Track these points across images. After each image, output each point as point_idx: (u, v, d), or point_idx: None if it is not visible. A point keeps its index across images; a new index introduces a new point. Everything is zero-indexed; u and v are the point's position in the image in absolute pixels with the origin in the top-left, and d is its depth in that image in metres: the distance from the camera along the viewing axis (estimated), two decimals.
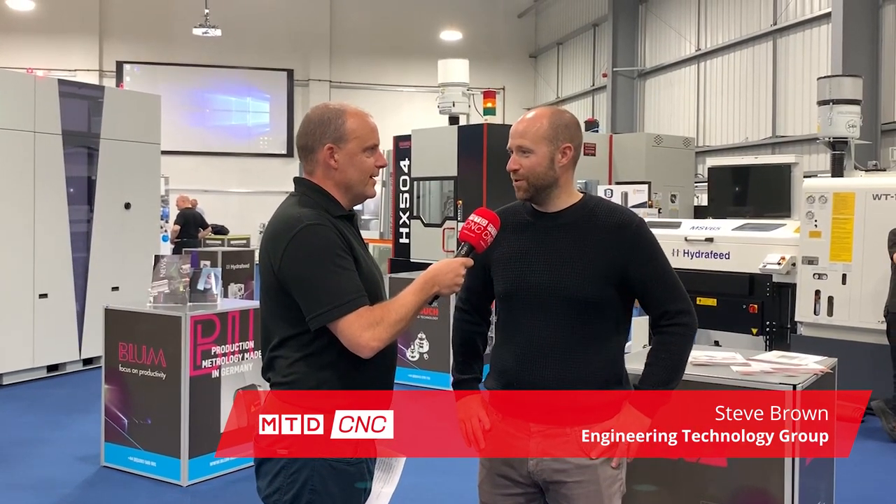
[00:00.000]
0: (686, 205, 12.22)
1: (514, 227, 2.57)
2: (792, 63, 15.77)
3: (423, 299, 2.29)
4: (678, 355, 2.51)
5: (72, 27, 23.05)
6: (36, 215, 8.00)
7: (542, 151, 2.47)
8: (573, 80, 24.20)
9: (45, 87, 8.15)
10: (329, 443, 2.27)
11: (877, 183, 7.16)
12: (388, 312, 2.25)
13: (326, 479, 2.28)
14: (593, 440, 2.43)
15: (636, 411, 2.45)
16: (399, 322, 2.25)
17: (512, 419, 2.50)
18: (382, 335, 2.23)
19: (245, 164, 24.27)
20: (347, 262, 2.27)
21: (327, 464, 2.27)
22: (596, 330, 2.47)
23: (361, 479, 2.35)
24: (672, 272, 2.52)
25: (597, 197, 2.61)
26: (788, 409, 3.11)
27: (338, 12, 25.00)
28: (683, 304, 2.49)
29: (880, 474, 5.64)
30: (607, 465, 2.44)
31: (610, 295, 2.46)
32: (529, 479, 2.49)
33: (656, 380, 2.48)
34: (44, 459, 5.69)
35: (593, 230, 2.47)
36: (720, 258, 7.94)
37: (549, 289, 2.45)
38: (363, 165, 2.39)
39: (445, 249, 11.16)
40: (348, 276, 2.26)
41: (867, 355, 6.79)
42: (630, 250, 2.45)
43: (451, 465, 5.63)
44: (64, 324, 8.23)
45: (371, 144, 2.40)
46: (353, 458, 2.31)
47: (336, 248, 2.27)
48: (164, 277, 5.44)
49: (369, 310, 2.24)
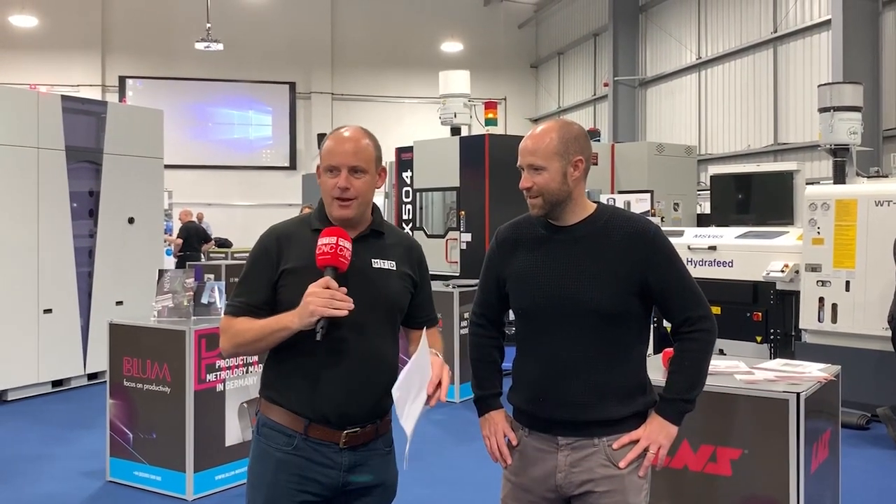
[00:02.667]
0: (689, 213, 12.23)
1: (530, 241, 2.56)
2: (793, 70, 15.79)
3: (272, 326, 2.37)
4: (702, 362, 2.51)
5: (74, 43, 23.16)
6: (40, 231, 8.02)
7: (554, 167, 2.46)
8: (574, 89, 24.25)
9: (49, 102, 8.19)
10: (265, 429, 2.49)
11: (879, 189, 7.16)
12: (234, 327, 2.45)
13: (258, 458, 2.51)
14: (622, 451, 2.43)
15: (663, 420, 2.46)
16: (236, 337, 2.44)
17: (539, 433, 2.51)
18: (223, 344, 2.49)
19: (248, 177, 24.32)
20: (251, 273, 2.48)
21: (261, 444, 2.50)
22: (620, 340, 2.47)
23: (295, 469, 2.42)
24: (691, 278, 2.52)
25: (611, 206, 2.60)
26: (793, 416, 3.12)
27: (339, 25, 25.08)
28: (704, 309, 2.50)
29: (886, 481, 5.62)
30: (634, 475, 2.44)
31: (632, 305, 2.46)
32: (556, 492, 2.49)
33: (681, 387, 2.48)
34: (49, 475, 5.69)
35: (611, 241, 2.46)
36: (723, 266, 7.94)
37: (573, 302, 2.44)
38: (324, 185, 2.48)
39: (449, 261, 11.17)
40: (241, 285, 2.49)
41: (872, 362, 6.78)
42: (649, 258, 2.45)
43: (459, 476, 5.63)
44: (68, 339, 8.24)
45: (326, 165, 2.46)
46: (284, 446, 2.43)
47: (252, 258, 2.51)
48: (168, 291, 5.46)
49: (227, 319, 2.48)
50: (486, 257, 2.69)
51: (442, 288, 8.24)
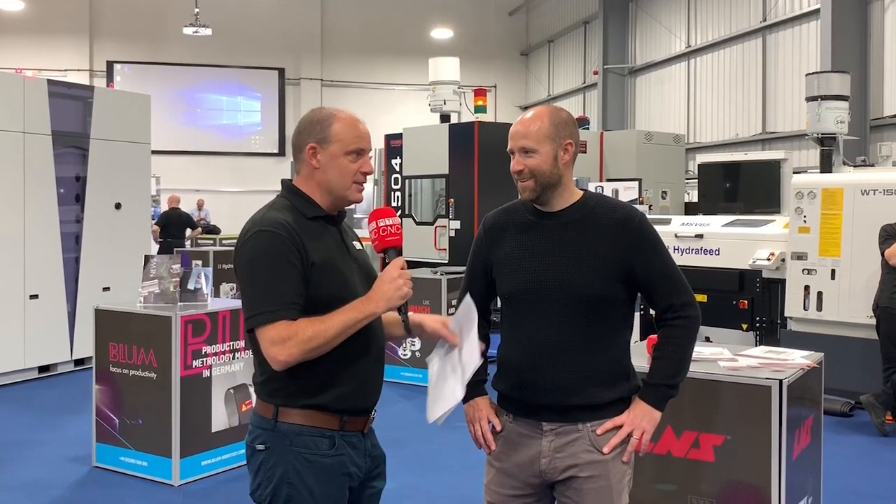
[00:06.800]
0: (676, 201, 12.27)
1: (517, 227, 2.57)
2: (781, 59, 15.82)
3: (355, 317, 2.26)
4: (685, 348, 2.53)
5: (62, 27, 22.98)
6: (26, 216, 7.98)
7: (545, 150, 2.48)
8: (564, 77, 24.23)
9: (35, 87, 8.13)
10: (301, 438, 2.31)
11: (865, 178, 7.19)
12: (305, 330, 2.23)
13: (301, 472, 2.30)
14: (605, 436, 2.46)
15: (646, 406, 2.48)
16: (312, 340, 2.22)
17: (523, 419, 2.53)
18: (292, 351, 2.22)
19: (236, 163, 24.23)
20: (287, 271, 2.26)
21: (301, 457, 2.31)
22: (604, 326, 2.49)
23: (342, 469, 2.36)
24: (675, 265, 2.54)
25: (596, 194, 2.63)
26: (775, 403, 3.14)
27: (329, 11, 24.97)
28: (687, 296, 2.52)
29: (868, 468, 5.67)
30: (618, 461, 2.47)
31: (617, 291, 2.48)
32: (540, 477, 2.50)
33: (665, 373, 2.50)
34: (35, 460, 5.69)
35: (597, 227, 2.48)
36: (710, 254, 7.98)
37: (560, 287, 2.45)
38: (344, 168, 2.38)
39: (438, 248, 11.17)
40: (280, 286, 2.25)
41: (857, 350, 6.83)
42: (635, 245, 2.47)
43: (447, 463, 5.65)
44: (55, 324, 8.22)
45: (354, 149, 2.39)
46: (329, 450, 2.33)
47: (277, 255, 2.26)
48: (154, 277, 5.44)
49: (287, 324, 2.23)
50: (474, 244, 2.70)
51: (430, 275, 8.26)
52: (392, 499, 4.74)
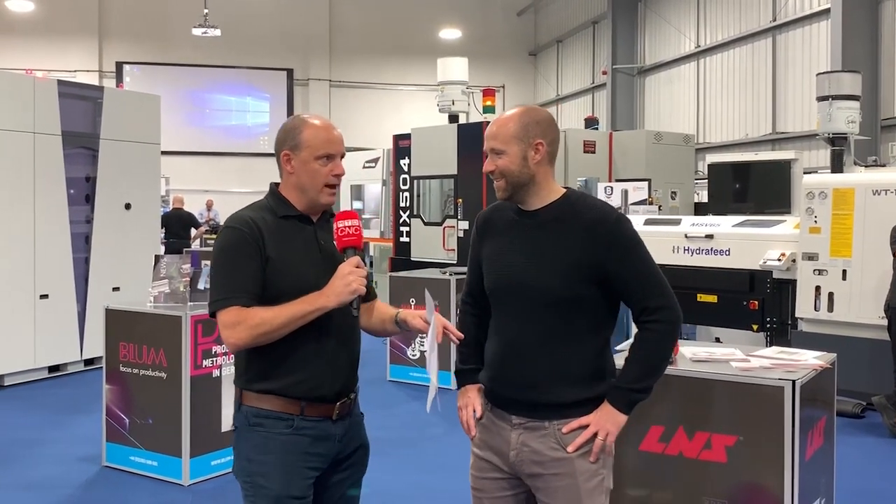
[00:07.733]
0: (686, 202, 12.21)
1: (501, 225, 2.62)
2: (791, 59, 15.77)
3: (305, 309, 2.40)
4: (657, 352, 2.52)
5: (71, 28, 23.07)
6: (36, 216, 8.01)
7: (513, 150, 2.50)
8: (573, 77, 24.19)
9: (45, 88, 8.16)
10: (258, 419, 2.49)
11: (876, 178, 7.15)
12: (254, 316, 2.39)
13: (260, 447, 2.48)
14: (571, 435, 2.47)
15: (611, 408, 2.49)
16: (260, 326, 2.38)
17: (498, 410, 2.59)
18: (241, 335, 2.40)
19: (245, 163, 24.27)
20: (244, 263, 2.45)
21: (259, 435, 2.48)
22: (576, 327, 2.49)
23: (301, 448, 2.47)
24: (652, 267, 2.50)
25: (580, 192, 2.63)
26: (788, 404, 3.12)
27: (337, 11, 24.99)
28: (662, 299, 2.48)
29: (880, 469, 5.64)
30: (585, 460, 2.48)
31: (590, 292, 2.47)
32: (512, 468, 2.55)
33: (631, 377, 2.50)
34: (45, 460, 5.70)
35: (573, 227, 2.48)
36: (720, 255, 7.94)
37: (530, 286, 2.49)
38: (315, 172, 2.53)
39: (446, 248, 11.16)
40: (236, 276, 2.44)
41: (868, 351, 6.79)
42: (606, 247, 2.45)
43: (456, 463, 5.63)
44: (65, 324, 8.24)
45: (323, 153, 2.53)
46: (286, 430, 2.46)
47: (237, 249, 2.46)
48: (164, 277, 5.45)
49: (238, 310, 2.40)
50: (471, 239, 2.78)
51: (439, 276, 8.24)
52: (400, 498, 4.73)
